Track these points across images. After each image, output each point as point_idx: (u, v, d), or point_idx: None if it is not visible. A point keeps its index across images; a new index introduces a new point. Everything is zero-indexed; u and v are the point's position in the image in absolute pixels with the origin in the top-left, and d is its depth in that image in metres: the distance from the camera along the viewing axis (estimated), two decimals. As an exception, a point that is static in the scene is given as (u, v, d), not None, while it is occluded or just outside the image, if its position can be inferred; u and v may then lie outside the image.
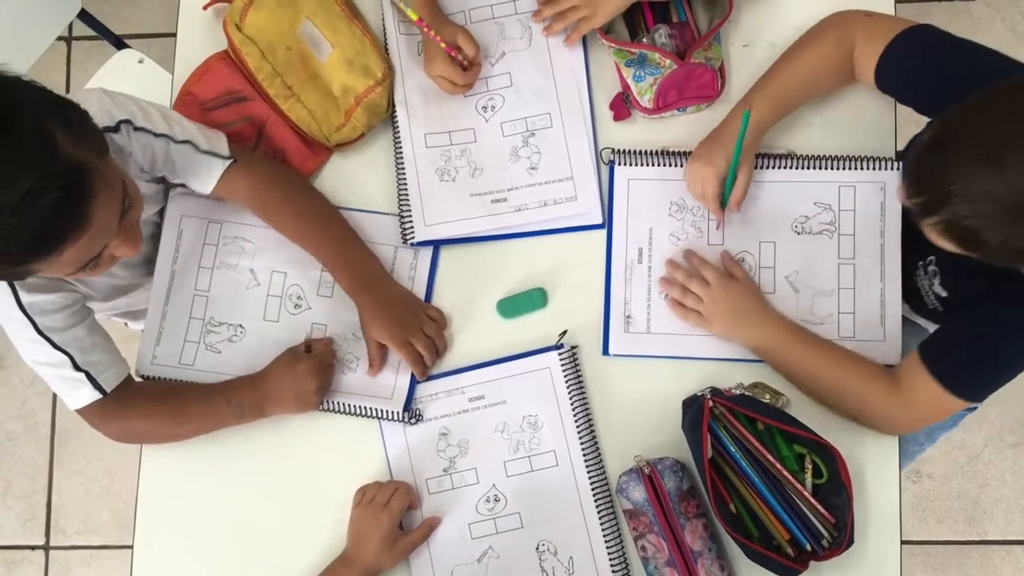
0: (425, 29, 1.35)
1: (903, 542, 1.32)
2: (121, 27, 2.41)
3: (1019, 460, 2.23)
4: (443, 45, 1.36)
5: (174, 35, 1.50)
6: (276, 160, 1.41)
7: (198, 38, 1.47)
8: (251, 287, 1.41)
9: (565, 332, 1.37)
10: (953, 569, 2.21)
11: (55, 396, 2.36)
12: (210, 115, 1.42)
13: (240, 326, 1.40)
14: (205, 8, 1.46)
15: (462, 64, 1.39)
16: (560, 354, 1.37)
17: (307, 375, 1.31)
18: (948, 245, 1.04)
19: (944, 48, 1.24)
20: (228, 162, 1.32)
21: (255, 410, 1.33)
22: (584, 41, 1.43)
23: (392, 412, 1.36)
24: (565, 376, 1.36)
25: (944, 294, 1.31)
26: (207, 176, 1.32)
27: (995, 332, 1.19)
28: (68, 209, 1.00)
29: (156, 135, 1.26)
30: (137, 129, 1.24)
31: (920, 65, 1.25)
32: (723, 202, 1.35)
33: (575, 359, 1.37)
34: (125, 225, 1.11)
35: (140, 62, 1.91)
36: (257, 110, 1.42)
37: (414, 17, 1.35)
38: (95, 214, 1.03)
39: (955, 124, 1.01)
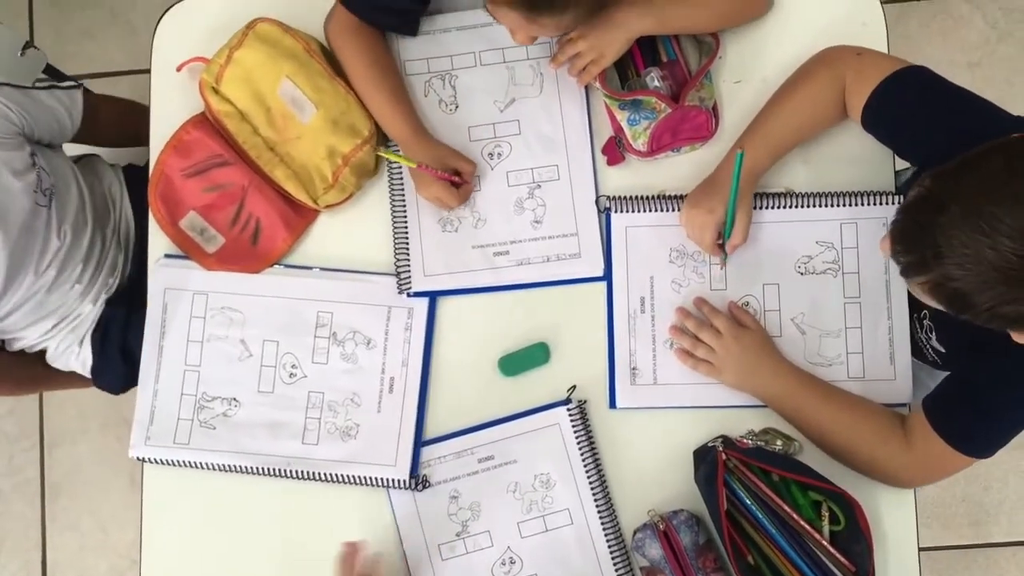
0: (424, 168, 1.31)
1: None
2: (86, 66, 2.36)
3: (1021, 462, 2.23)
4: (439, 174, 1.33)
5: (142, 71, 1.44)
6: None
7: (174, 102, 1.41)
8: (243, 358, 1.37)
9: (574, 387, 1.34)
10: (960, 573, 2.21)
11: (43, 451, 2.32)
12: (189, 181, 1.37)
13: (234, 399, 1.36)
14: (179, 70, 1.40)
15: (455, 182, 1.35)
16: (569, 409, 1.33)
17: None
18: (935, 304, 1.01)
19: (931, 95, 1.21)
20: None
21: None
22: (585, 88, 1.39)
23: (398, 480, 1.33)
24: (575, 432, 1.33)
25: (942, 350, 1.29)
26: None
27: (998, 389, 1.17)
28: None
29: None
30: None
31: (905, 110, 1.22)
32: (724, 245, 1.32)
33: (584, 414, 1.34)
34: None
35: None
36: (238, 175, 1.37)
37: (412, 164, 1.32)
38: None
39: (946, 183, 0.97)
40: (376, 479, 1.33)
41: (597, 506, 1.32)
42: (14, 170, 1.32)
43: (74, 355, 1.58)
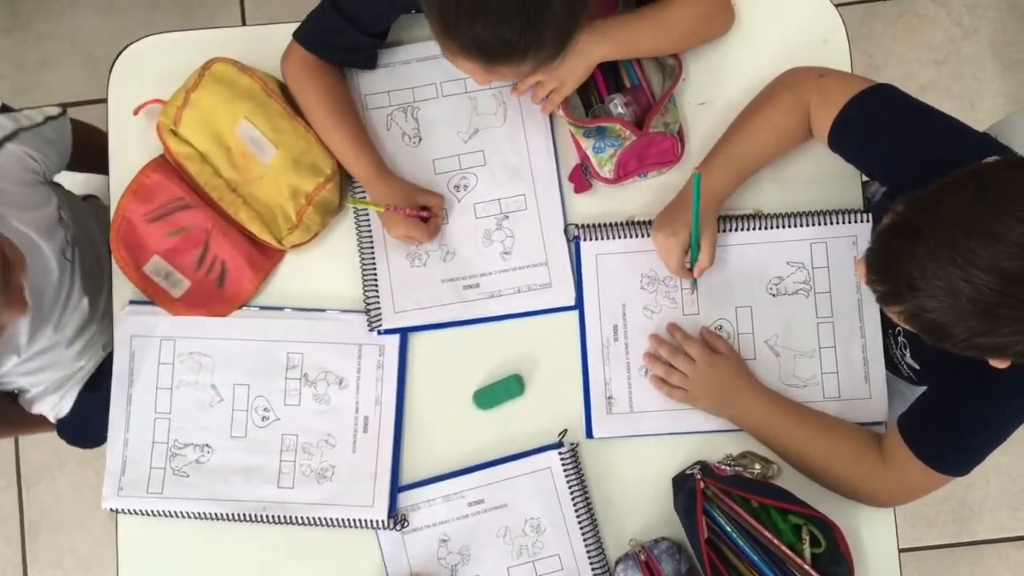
0: (393, 210, 1.30)
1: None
2: (46, 97, 2.32)
3: (1000, 458, 2.23)
4: (407, 212, 1.31)
5: (104, 100, 1.41)
6: None
7: (133, 145, 1.39)
8: (215, 404, 1.35)
9: (565, 431, 1.33)
10: (947, 572, 2.22)
11: (20, 489, 2.29)
12: (151, 226, 1.35)
13: (207, 445, 1.34)
14: (136, 112, 1.38)
15: (423, 217, 1.33)
16: (561, 454, 1.32)
17: None
18: (912, 330, 1.00)
19: (897, 114, 1.20)
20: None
21: None
22: (549, 116, 1.38)
23: (376, 521, 1.31)
24: (567, 476, 1.32)
25: (917, 366, 1.28)
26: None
27: (973, 407, 1.17)
28: None
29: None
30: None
31: (872, 131, 1.22)
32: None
33: (576, 458, 1.33)
34: (10, 291, 1.07)
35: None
36: (201, 218, 1.35)
37: (381, 208, 1.30)
38: None
39: (920, 213, 0.95)
40: (354, 520, 1.31)
41: (588, 551, 1.31)
42: (45, 231, 1.31)
43: (49, 404, 1.55)
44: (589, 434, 1.34)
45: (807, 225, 1.34)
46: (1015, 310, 0.89)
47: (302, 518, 1.32)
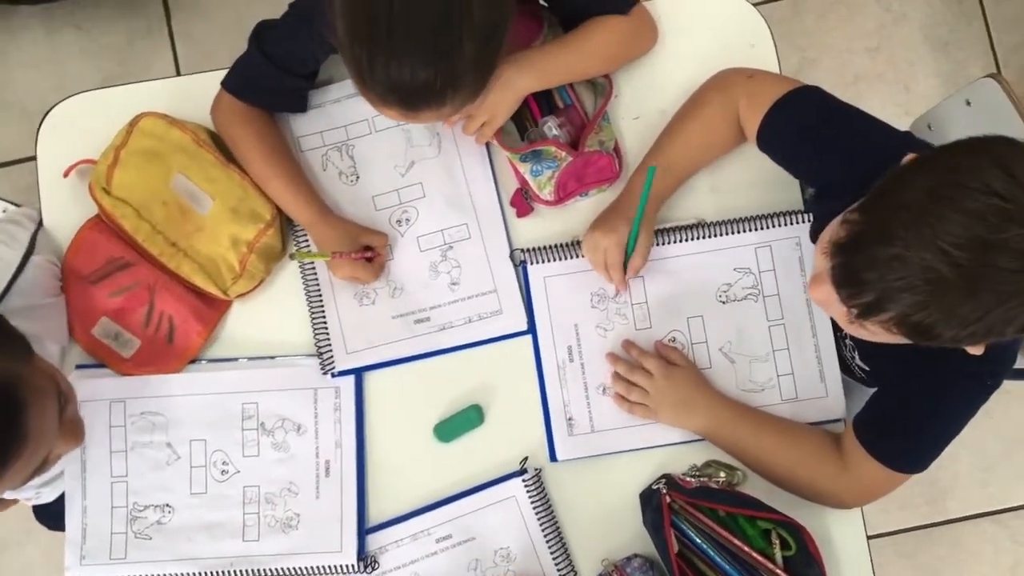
0: (339, 257, 1.29)
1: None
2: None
3: (966, 435, 2.22)
4: (353, 255, 1.30)
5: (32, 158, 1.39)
6: None
7: (64, 204, 1.37)
8: (172, 462, 1.33)
9: (527, 458, 1.32)
10: (924, 552, 2.24)
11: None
12: (95, 287, 1.33)
13: (167, 506, 1.32)
14: (66, 175, 1.36)
15: (368, 257, 1.33)
16: (525, 480, 1.31)
17: None
18: (897, 339, 0.98)
19: (822, 116, 1.21)
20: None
21: None
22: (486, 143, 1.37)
23: (345, 566, 1.30)
24: (532, 502, 1.31)
25: (867, 368, 1.29)
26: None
27: (923, 408, 1.18)
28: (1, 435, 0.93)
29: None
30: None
31: (797, 133, 1.23)
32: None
33: (540, 483, 1.32)
34: (65, 423, 1.05)
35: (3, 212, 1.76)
36: (143, 275, 1.33)
37: (327, 257, 1.29)
38: (31, 426, 0.97)
39: (881, 213, 0.94)
40: (323, 568, 1.30)
41: (560, 573, 1.31)
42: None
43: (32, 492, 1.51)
44: (553, 457, 1.34)
45: (750, 230, 1.34)
46: (998, 278, 0.88)
47: (270, 570, 1.30)
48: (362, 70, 1.07)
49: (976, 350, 0.99)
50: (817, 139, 1.21)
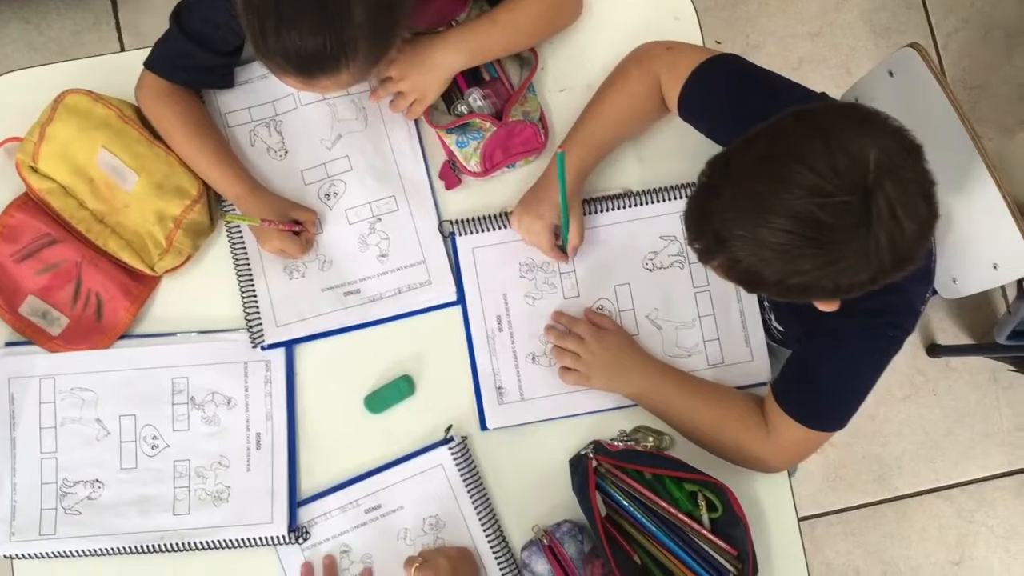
0: (267, 224, 1.29)
1: (804, 517, 1.34)
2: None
3: (911, 412, 2.29)
4: (281, 227, 1.31)
5: None
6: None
7: (-6, 184, 1.37)
8: (101, 438, 1.33)
9: (451, 426, 1.33)
10: (872, 530, 2.26)
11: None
12: (21, 265, 1.33)
13: (97, 481, 1.32)
14: (-7, 151, 1.36)
15: (296, 231, 1.33)
16: (451, 448, 1.32)
17: None
18: (731, 281, 1.04)
19: (740, 81, 1.24)
20: None
21: None
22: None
23: (276, 537, 1.30)
24: (459, 470, 1.32)
25: (782, 328, 1.32)
26: None
27: (830, 364, 1.21)
28: None
29: None
30: None
31: (716, 98, 1.25)
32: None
33: (466, 450, 1.33)
34: None
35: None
36: (70, 251, 1.33)
37: (256, 222, 1.29)
38: None
39: (717, 169, 1.01)
40: (254, 539, 1.30)
41: (488, 539, 1.31)
42: None
43: None
44: (483, 426, 1.35)
45: (675, 199, 1.36)
46: (813, 246, 0.92)
47: (201, 543, 1.30)
48: (256, 38, 1.09)
49: (827, 306, 1.03)
50: (736, 104, 1.23)
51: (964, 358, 2.30)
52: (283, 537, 1.30)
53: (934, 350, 2.28)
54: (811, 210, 0.91)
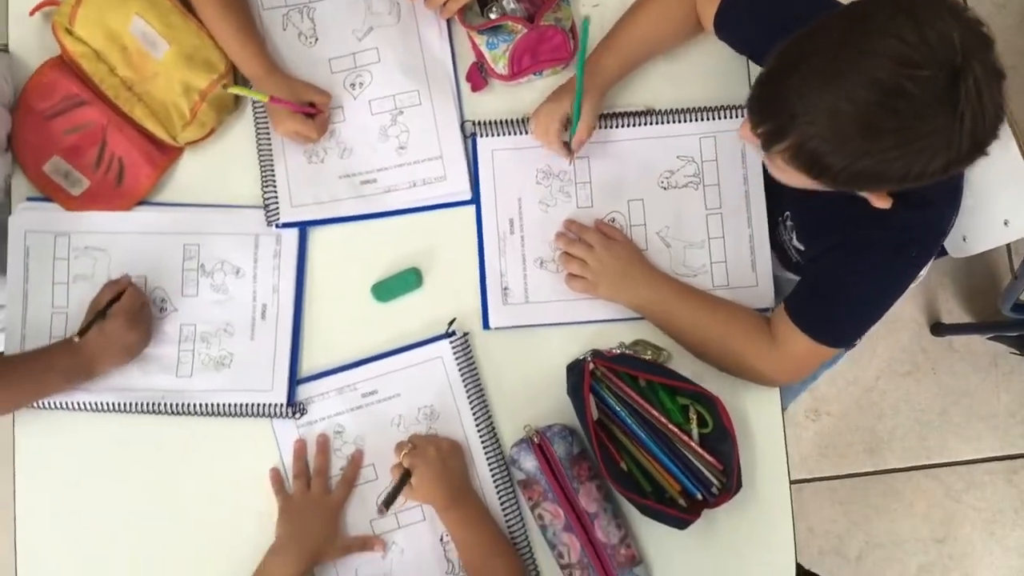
0: (276, 101, 1.31)
1: (792, 481, 1.35)
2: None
3: (911, 388, 2.30)
4: (293, 107, 1.32)
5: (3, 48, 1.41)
6: None
7: (33, 46, 1.39)
8: (111, 297, 1.35)
9: (454, 320, 1.35)
10: (858, 501, 2.28)
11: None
12: (50, 123, 1.35)
13: (104, 337, 1.34)
14: (32, 13, 1.38)
15: (309, 113, 1.35)
16: (452, 342, 1.34)
17: (122, 331, 1.27)
18: (795, 176, 1.03)
19: None
20: None
21: (84, 374, 1.30)
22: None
23: (274, 405, 1.32)
24: (458, 364, 1.34)
25: (802, 247, 1.33)
26: None
27: (849, 278, 1.21)
28: None
29: None
30: None
31: (755, 13, 1.25)
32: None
33: (467, 346, 1.35)
34: None
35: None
36: (97, 114, 1.35)
37: (265, 98, 1.31)
38: None
39: (791, 50, 0.99)
40: (252, 406, 1.32)
41: (480, 434, 1.33)
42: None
43: None
44: (486, 324, 1.36)
45: (697, 120, 1.38)
46: (895, 121, 0.91)
47: (200, 406, 1.33)
48: None
49: (881, 202, 1.03)
50: (776, 16, 1.21)
51: (968, 341, 2.30)
52: (280, 407, 1.32)
53: (938, 328, 2.29)
54: (899, 81, 0.89)
